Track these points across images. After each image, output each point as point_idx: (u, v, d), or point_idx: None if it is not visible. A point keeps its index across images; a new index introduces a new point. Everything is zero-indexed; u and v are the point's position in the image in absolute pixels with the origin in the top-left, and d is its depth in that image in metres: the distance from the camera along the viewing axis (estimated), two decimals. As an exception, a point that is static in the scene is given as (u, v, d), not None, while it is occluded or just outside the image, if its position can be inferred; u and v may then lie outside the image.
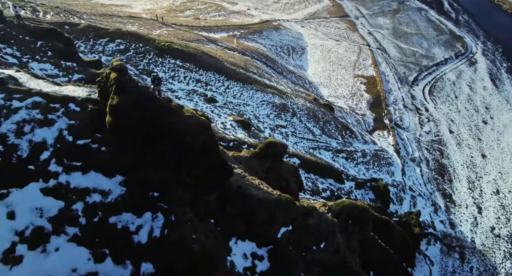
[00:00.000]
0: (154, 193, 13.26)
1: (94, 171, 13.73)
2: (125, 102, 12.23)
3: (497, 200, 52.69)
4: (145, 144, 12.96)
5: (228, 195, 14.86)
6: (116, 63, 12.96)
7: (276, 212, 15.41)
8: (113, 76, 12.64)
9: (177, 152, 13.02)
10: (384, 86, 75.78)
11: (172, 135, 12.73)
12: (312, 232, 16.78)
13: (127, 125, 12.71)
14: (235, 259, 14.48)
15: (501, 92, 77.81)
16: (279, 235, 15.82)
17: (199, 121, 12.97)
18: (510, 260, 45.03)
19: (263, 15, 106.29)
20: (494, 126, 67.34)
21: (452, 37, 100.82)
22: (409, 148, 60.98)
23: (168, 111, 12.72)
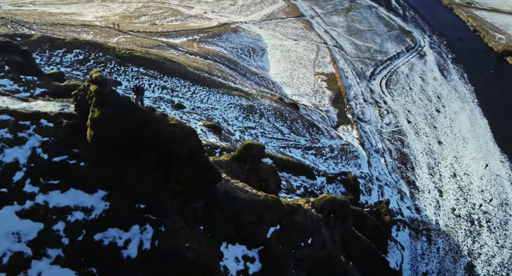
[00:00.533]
0: (140, 205, 12.99)
1: (74, 188, 13.21)
2: (107, 115, 11.89)
3: (455, 182, 56.43)
4: (129, 156, 12.67)
5: (215, 200, 14.86)
6: (96, 75, 12.57)
7: (263, 213, 15.64)
8: (93, 89, 12.24)
9: (163, 161, 12.85)
10: (344, 82, 78.54)
11: (157, 144, 12.55)
12: (299, 229, 17.21)
13: (110, 138, 12.36)
14: (227, 264, 14.51)
15: (449, 82, 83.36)
16: (268, 235, 16.06)
17: (185, 129, 12.90)
18: (470, 237, 48.37)
19: (220, 18, 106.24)
20: (446, 114, 72.06)
21: (402, 32, 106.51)
22: (373, 140, 63.69)
23: (152, 120, 12.51)
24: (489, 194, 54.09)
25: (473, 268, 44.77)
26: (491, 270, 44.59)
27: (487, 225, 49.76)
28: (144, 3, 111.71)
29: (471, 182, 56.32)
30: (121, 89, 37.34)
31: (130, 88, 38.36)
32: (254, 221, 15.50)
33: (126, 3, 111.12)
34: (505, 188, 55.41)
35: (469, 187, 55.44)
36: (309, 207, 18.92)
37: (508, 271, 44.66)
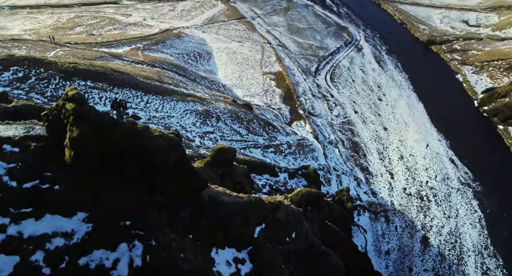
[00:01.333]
0: (125, 222, 12.75)
1: (50, 214, 12.61)
2: (87, 133, 11.52)
3: (403, 164, 61.08)
4: (110, 173, 12.38)
5: (201, 207, 14.98)
6: (72, 93, 12.10)
7: (248, 214, 16.04)
8: (69, 107, 11.78)
9: (147, 174, 12.72)
10: (292, 80, 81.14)
11: (142, 157, 12.39)
12: (283, 225, 17.88)
13: (91, 156, 11.98)
14: (220, 269, 14.71)
15: (386, 72, 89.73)
16: (256, 235, 16.49)
17: (170, 139, 12.89)
18: (422, 212, 52.79)
19: (161, 24, 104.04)
20: (388, 102, 77.58)
21: (339, 28, 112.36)
22: (325, 132, 66.71)
23: (135, 134, 12.34)
24: (432, 171, 59.33)
25: (427, 240, 48.97)
26: (442, 239, 49.07)
27: (434, 200, 54.60)
28: (77, 13, 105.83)
29: (416, 162, 61.33)
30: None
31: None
32: (241, 223, 15.88)
33: (56, 13, 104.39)
34: (445, 164, 61.13)
35: (415, 167, 60.34)
36: (289, 203, 19.75)
37: (456, 237, 49.45)
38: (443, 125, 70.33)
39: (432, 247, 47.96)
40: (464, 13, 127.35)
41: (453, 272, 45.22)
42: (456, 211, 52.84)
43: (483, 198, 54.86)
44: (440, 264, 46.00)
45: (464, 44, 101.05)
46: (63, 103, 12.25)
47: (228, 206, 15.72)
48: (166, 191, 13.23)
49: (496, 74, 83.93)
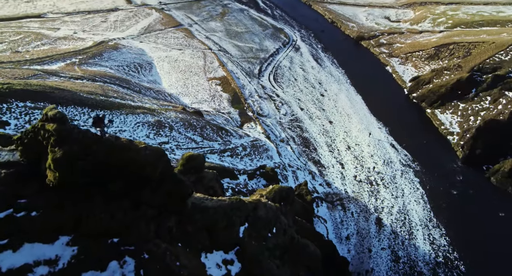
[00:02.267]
0: (113, 239, 12.66)
1: (28, 243, 12.15)
2: (72, 152, 11.27)
3: (350, 153, 65.20)
4: (94, 191, 12.21)
5: (186, 215, 15.19)
6: (53, 113, 11.70)
7: (232, 215, 16.55)
8: (51, 127, 11.40)
9: (134, 188, 12.72)
10: (237, 83, 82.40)
11: (130, 170, 12.36)
12: (265, 222, 18.63)
13: (77, 175, 11.72)
14: (211, 272, 15.07)
15: (324, 68, 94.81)
16: (241, 235, 17.05)
17: (156, 150, 13.00)
18: (373, 196, 56.87)
19: (94, 36, 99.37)
20: (330, 96, 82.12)
21: (275, 30, 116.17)
22: (276, 131, 68.84)
23: (121, 148, 12.27)
24: (377, 157, 64.13)
25: (381, 221, 52.94)
26: (393, 218, 53.36)
27: (382, 183, 59.11)
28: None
29: (362, 150, 65.84)
30: (11, 129, 32.79)
31: (21, 127, 33.89)
32: (226, 225, 16.35)
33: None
34: (387, 149, 66.39)
35: (361, 155, 64.74)
36: (266, 200, 20.60)
37: (404, 215, 54.05)
38: (380, 114, 76.21)
39: (386, 227, 51.97)
40: (385, 10, 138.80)
41: (406, 246, 49.45)
42: (402, 191, 57.75)
43: (422, 176, 60.57)
44: (394, 241, 50.05)
45: (389, 38, 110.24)
46: (42, 125, 11.87)
47: (213, 210, 16.15)
48: (154, 202, 13.33)
49: (419, 64, 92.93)
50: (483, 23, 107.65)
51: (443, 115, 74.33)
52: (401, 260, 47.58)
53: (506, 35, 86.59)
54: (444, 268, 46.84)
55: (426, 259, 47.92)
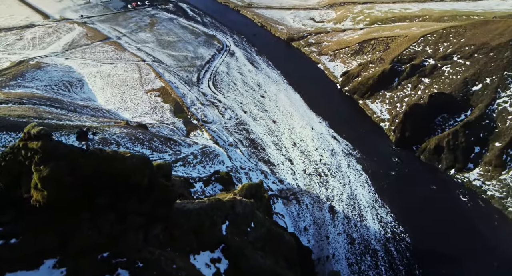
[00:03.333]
0: (103, 254, 12.40)
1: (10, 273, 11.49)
2: (60, 167, 10.84)
3: (297, 149, 68.20)
4: (80, 207, 11.85)
5: (172, 220, 15.21)
6: (36, 130, 11.13)
7: (213, 215, 16.89)
8: (35, 145, 10.86)
9: (120, 199, 12.55)
10: (177, 93, 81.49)
11: (118, 180, 12.15)
12: (243, 217, 19.17)
13: (66, 192, 11.27)
14: (202, 272, 15.28)
15: (261, 71, 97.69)
16: (224, 233, 17.46)
17: (141, 157, 12.95)
18: (323, 186, 60.17)
19: (11, 56, 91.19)
20: (270, 97, 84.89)
21: (208, 37, 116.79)
22: (223, 136, 69.47)
23: (108, 159, 12.03)
24: (321, 150, 67.92)
25: (333, 208, 56.28)
26: (344, 204, 57.05)
27: (329, 173, 62.79)
28: None
29: (307, 145, 69.21)
30: None
31: None
32: (210, 225, 16.66)
33: None
34: (329, 141, 70.61)
35: (307, 149, 68.06)
36: (240, 197, 21.16)
37: (353, 200, 58.06)
38: (319, 109, 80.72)
39: (339, 213, 55.39)
40: (309, 11, 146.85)
41: (359, 228, 53.24)
42: (348, 178, 61.94)
43: (364, 162, 65.54)
44: (348, 225, 53.57)
45: (316, 37, 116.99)
46: (24, 144, 11.30)
47: (196, 212, 16.40)
48: (142, 211, 13.29)
49: (347, 59, 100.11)
50: (395, 19, 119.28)
51: (374, 105, 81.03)
52: (356, 241, 51.12)
53: (415, 29, 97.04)
54: (393, 242, 51.31)
55: (377, 236, 52.07)
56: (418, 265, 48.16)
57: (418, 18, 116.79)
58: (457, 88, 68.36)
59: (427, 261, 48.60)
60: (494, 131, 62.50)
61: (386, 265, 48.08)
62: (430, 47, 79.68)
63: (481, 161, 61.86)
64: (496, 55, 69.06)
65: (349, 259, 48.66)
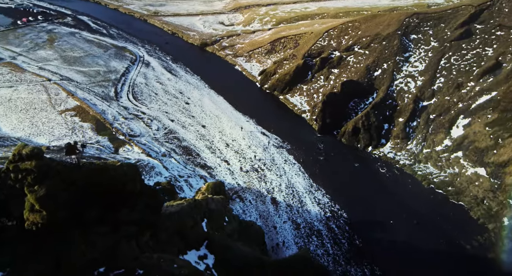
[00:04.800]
0: (99, 269, 12.16)
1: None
2: (56, 185, 10.33)
3: (231, 149, 69.79)
4: (71, 224, 11.43)
5: (158, 224, 15.23)
6: (28, 149, 10.36)
7: (193, 214, 17.22)
8: (30, 165, 10.14)
9: (113, 210, 12.34)
10: (96, 110, 76.73)
11: (110, 191, 11.92)
12: (218, 214, 19.71)
13: (62, 209, 10.75)
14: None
15: (180, 78, 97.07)
16: (205, 229, 17.90)
17: (131, 165, 12.82)
18: (262, 181, 62.76)
19: None
20: (194, 103, 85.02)
21: (118, 49, 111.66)
22: (155, 148, 67.72)
23: (100, 170, 11.71)
24: (254, 147, 70.60)
25: (275, 200, 59.15)
26: (284, 194, 60.33)
27: (265, 167, 65.68)
28: None
29: (239, 144, 71.25)
30: None
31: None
32: (193, 224, 16.98)
33: None
34: (260, 137, 73.67)
35: (240, 148, 70.10)
36: (211, 195, 21.64)
37: (292, 188, 61.72)
38: (244, 109, 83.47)
39: (281, 203, 58.45)
40: (217, 16, 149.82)
41: (301, 213, 56.93)
42: (283, 169, 65.54)
43: (294, 152, 69.96)
44: (291, 212, 56.89)
45: (229, 40, 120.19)
46: (15, 166, 10.55)
47: (177, 214, 16.61)
48: (134, 218, 13.25)
49: (262, 59, 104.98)
50: (298, 18, 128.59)
51: (293, 98, 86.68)
52: (301, 226, 54.62)
53: (318, 26, 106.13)
54: (333, 220, 56.07)
55: (318, 217, 56.35)
56: (357, 235, 53.49)
57: (318, 15, 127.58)
58: (362, 75, 77.13)
59: (363, 230, 54.26)
60: (396, 108, 72.12)
61: (331, 242, 52.40)
62: (334, 40, 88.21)
63: (390, 136, 70.77)
64: (388, 43, 79.70)
65: (298, 243, 51.82)
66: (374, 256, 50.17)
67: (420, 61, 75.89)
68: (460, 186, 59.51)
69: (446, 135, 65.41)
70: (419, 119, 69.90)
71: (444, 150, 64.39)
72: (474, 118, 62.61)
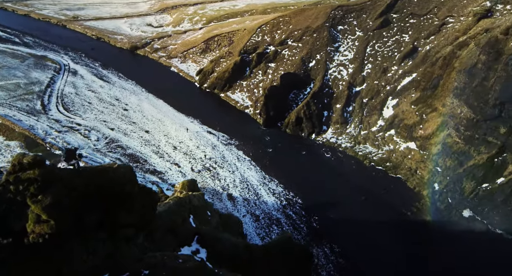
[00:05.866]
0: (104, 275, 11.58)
1: None
2: (62, 190, 9.48)
3: (179, 152, 68.55)
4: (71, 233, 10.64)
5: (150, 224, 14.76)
6: (30, 158, 9.30)
7: (181, 211, 16.90)
8: (33, 174, 9.11)
9: (111, 213, 11.70)
10: (22, 126, 69.72)
11: (112, 192, 11.24)
12: (201, 208, 19.47)
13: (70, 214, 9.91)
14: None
15: (114, 84, 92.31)
16: (193, 225, 17.65)
17: (127, 166, 12.18)
18: (216, 179, 62.74)
19: None
20: (134, 109, 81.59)
21: (37, 58, 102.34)
22: (98, 159, 63.74)
23: (100, 173, 10.95)
24: (202, 146, 70.15)
25: (231, 195, 59.63)
26: (239, 189, 61.07)
27: (217, 165, 65.74)
28: None
29: (187, 145, 70.26)
30: None
31: None
32: (181, 220, 16.66)
33: None
34: (207, 137, 73.41)
35: (189, 149, 69.18)
36: (191, 192, 21.19)
37: (246, 182, 62.65)
38: (187, 110, 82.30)
39: (238, 198, 59.12)
40: (144, 18, 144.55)
41: (258, 205, 58.17)
42: (235, 165, 66.19)
43: (243, 147, 70.97)
44: (249, 206, 57.83)
45: (161, 42, 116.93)
46: (16, 177, 9.46)
47: (166, 213, 16.22)
48: (132, 219, 12.73)
49: (197, 58, 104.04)
50: (228, 16, 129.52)
51: (235, 95, 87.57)
52: (260, 217, 55.87)
53: (249, 22, 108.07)
54: (289, 207, 58.22)
55: (276, 207, 58.12)
56: (313, 218, 56.27)
57: (247, 12, 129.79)
58: (298, 67, 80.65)
59: (317, 212, 57.20)
60: (333, 96, 76.80)
61: (290, 228, 54.43)
62: (267, 36, 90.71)
63: (331, 122, 75.25)
64: (318, 35, 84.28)
65: (260, 234, 52.94)
66: (332, 234, 53.32)
67: (349, 50, 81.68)
68: (396, 161, 65.54)
69: (379, 116, 71.44)
70: (354, 103, 75.33)
71: (379, 130, 70.28)
72: (400, 98, 69.29)
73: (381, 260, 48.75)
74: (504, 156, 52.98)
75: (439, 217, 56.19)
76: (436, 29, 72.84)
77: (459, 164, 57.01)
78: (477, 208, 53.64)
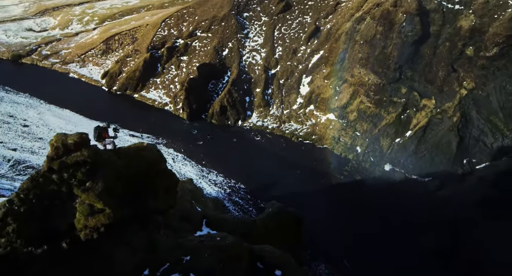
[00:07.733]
0: (144, 272, 10.20)
1: None
2: (110, 176, 7.70)
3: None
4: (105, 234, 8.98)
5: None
6: (75, 137, 7.27)
7: (186, 197, 15.67)
8: (82, 155, 7.10)
9: (141, 198, 10.20)
10: None
11: (144, 174, 9.67)
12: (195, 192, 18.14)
13: (123, 201, 8.19)
14: None
15: (2, 99, 79.52)
16: (199, 209, 16.53)
17: (152, 147, 10.52)
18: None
19: None
20: (35, 123, 71.65)
21: None
22: (5, 186, 54.52)
23: (137, 151, 9.26)
24: (129, 150, 65.46)
25: (172, 194, 57.29)
26: (179, 187, 58.96)
27: (150, 167, 62.23)
28: None
29: (112, 152, 64.75)
30: None
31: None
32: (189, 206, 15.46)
33: None
34: (130, 140, 68.71)
35: (115, 156, 63.86)
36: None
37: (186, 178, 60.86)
38: (100, 116, 74.90)
39: (180, 196, 57.03)
40: (20, 22, 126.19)
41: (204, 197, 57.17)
42: (168, 163, 63.50)
43: (172, 145, 68.62)
44: (193, 201, 56.38)
45: (50, 48, 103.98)
46: (60, 162, 7.29)
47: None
48: (159, 206, 11.30)
49: (99, 61, 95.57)
50: (123, 14, 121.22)
51: (150, 94, 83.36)
52: (208, 209, 55.09)
53: (148, 18, 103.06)
54: (234, 194, 58.60)
55: (221, 196, 57.82)
56: (259, 199, 57.69)
57: (143, 8, 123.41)
58: (212, 56, 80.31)
59: (262, 193, 58.80)
60: (251, 81, 78.77)
61: (240, 213, 54.86)
62: (174, 29, 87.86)
63: (254, 107, 77.25)
64: (226, 24, 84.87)
65: (212, 226, 52.32)
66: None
67: (258, 36, 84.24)
68: (320, 133, 70.76)
69: (297, 94, 75.88)
70: (273, 86, 78.49)
71: (300, 107, 74.74)
72: (313, 75, 74.56)
73: (325, 219, 52.77)
74: (408, 112, 61.51)
75: (366, 175, 62.84)
76: (332, 9, 79.87)
77: (374, 126, 64.27)
78: (395, 161, 61.37)
